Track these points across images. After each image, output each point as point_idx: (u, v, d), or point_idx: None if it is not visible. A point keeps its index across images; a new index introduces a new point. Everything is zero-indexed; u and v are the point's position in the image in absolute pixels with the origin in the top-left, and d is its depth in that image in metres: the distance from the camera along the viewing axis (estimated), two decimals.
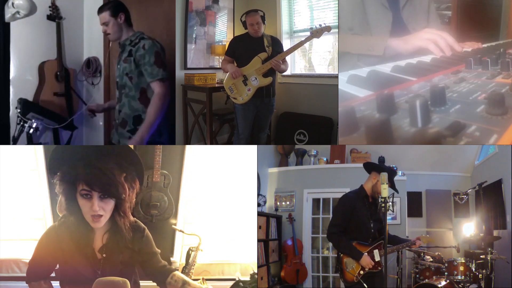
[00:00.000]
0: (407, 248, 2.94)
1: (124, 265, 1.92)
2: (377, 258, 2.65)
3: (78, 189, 1.80)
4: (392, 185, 2.66)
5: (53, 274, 2.02)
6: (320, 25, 3.34)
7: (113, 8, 2.92)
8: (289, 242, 4.11)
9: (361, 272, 2.65)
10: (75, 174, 1.79)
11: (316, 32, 3.34)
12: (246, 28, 3.55)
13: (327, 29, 3.34)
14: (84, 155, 1.85)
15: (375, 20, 2.71)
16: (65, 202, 1.86)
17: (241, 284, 2.04)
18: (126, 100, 2.94)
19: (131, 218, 1.97)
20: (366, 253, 2.63)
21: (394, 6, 2.72)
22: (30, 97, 3.55)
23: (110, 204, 1.84)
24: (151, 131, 2.84)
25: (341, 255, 2.72)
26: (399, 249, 2.91)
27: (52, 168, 1.89)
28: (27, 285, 1.96)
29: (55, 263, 1.92)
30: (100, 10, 2.95)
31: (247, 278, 2.12)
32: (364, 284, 2.60)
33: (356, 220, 2.71)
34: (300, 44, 3.45)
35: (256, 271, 2.11)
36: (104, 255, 1.89)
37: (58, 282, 1.97)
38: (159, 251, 2.06)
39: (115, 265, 1.90)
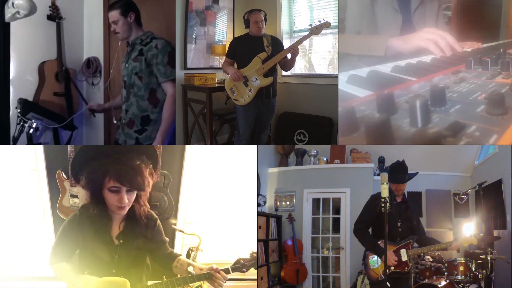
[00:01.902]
0: (440, 250, 2.84)
1: (138, 250, 2.11)
2: (404, 258, 2.65)
3: (107, 184, 1.94)
4: (396, 178, 2.73)
5: None
6: (319, 21, 3.29)
7: (124, 6, 2.89)
8: (289, 242, 4.11)
9: (387, 271, 2.62)
10: (105, 170, 1.94)
11: (316, 29, 3.29)
12: (247, 27, 3.54)
13: (327, 25, 3.28)
14: (110, 153, 2.02)
15: (384, 23, 2.71)
16: (90, 196, 2.00)
17: (241, 261, 2.19)
18: (134, 100, 2.92)
19: (148, 206, 2.15)
20: (388, 251, 2.62)
21: (405, 10, 2.72)
22: (30, 97, 3.55)
23: (134, 196, 2.02)
24: (170, 132, 2.89)
25: (367, 252, 2.77)
26: (429, 251, 2.82)
27: (78, 165, 2.04)
28: (51, 267, 2.09)
29: (76, 247, 2.07)
30: (111, 8, 2.91)
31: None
32: (388, 284, 2.55)
33: (380, 218, 2.69)
34: (300, 41, 3.42)
35: (255, 251, 2.28)
36: (121, 241, 2.06)
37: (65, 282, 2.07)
38: (168, 239, 2.24)
39: (130, 251, 2.08)
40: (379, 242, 2.69)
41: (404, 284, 2.65)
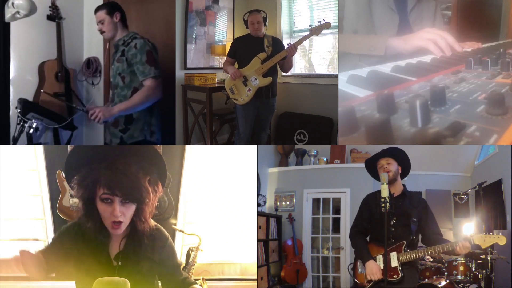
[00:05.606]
0: (445, 253, 2.48)
1: (142, 276, 1.80)
2: (394, 264, 2.33)
3: (98, 193, 1.70)
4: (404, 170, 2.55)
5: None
6: (319, 22, 3.30)
7: (109, 7, 2.99)
8: (289, 242, 4.11)
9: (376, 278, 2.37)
10: (95, 177, 1.70)
11: (315, 29, 3.30)
12: (247, 27, 3.56)
13: (327, 25, 3.30)
14: (105, 156, 1.75)
15: (381, 23, 2.70)
16: (83, 207, 1.75)
17: None
18: (118, 100, 2.96)
19: (152, 223, 1.86)
20: (373, 260, 2.39)
21: (402, 9, 2.72)
22: (30, 97, 3.55)
23: (131, 209, 1.75)
24: (123, 113, 2.86)
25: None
26: (426, 255, 2.41)
27: (69, 170, 1.80)
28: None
29: (68, 260, 1.78)
30: (97, 9, 3.01)
31: None
32: None
33: (374, 219, 2.52)
34: (300, 41, 3.42)
35: None
36: (119, 263, 1.77)
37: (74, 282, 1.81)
38: (182, 262, 1.96)
39: (132, 275, 1.73)
40: (369, 245, 2.49)
41: None
